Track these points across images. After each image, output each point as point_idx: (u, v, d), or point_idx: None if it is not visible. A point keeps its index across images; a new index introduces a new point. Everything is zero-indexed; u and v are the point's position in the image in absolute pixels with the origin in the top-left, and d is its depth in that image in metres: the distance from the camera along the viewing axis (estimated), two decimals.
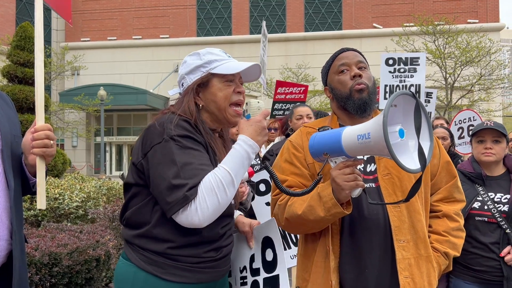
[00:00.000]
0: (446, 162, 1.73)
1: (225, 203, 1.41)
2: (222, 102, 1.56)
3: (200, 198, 1.37)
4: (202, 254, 1.48)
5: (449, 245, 1.65)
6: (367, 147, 1.32)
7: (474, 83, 17.13)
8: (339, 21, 23.46)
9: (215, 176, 1.40)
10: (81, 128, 22.53)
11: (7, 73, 9.28)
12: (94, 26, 24.78)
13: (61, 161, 8.90)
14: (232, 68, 1.57)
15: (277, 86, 6.33)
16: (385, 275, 1.54)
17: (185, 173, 1.39)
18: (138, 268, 1.46)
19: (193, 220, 1.38)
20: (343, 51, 1.72)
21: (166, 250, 1.45)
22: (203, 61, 1.58)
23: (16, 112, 1.75)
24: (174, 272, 1.45)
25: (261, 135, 1.50)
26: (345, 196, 1.43)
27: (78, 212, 5.58)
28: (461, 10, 21.76)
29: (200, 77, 1.57)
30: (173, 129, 1.44)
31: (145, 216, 1.49)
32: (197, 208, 1.37)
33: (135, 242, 1.49)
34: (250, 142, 1.47)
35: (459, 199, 1.74)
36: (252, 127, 1.50)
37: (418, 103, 1.34)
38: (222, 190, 1.39)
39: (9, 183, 1.54)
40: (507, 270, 2.38)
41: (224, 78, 1.57)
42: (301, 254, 1.71)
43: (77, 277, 3.59)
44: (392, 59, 4.93)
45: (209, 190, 1.38)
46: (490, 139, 2.54)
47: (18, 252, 1.55)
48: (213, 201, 1.38)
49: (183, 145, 1.43)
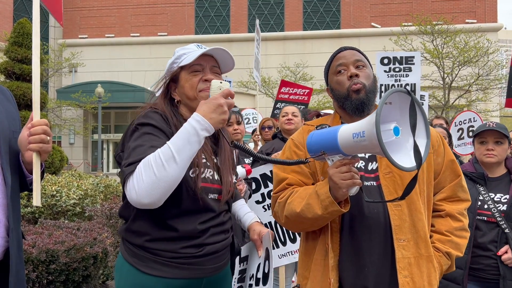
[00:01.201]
0: (451, 161, 1.70)
1: (165, 178, 1.36)
2: (189, 91, 1.59)
3: (137, 173, 1.39)
4: (179, 250, 1.49)
5: (451, 245, 1.63)
6: (362, 145, 1.31)
7: (472, 83, 17.16)
8: (337, 20, 23.45)
9: (155, 153, 1.40)
10: (78, 126, 22.47)
11: (5, 69, 9.22)
12: (92, 23, 24.70)
13: (58, 158, 8.87)
14: (194, 56, 1.58)
15: (281, 86, 6.36)
16: (385, 274, 1.54)
17: (134, 154, 1.43)
18: (124, 260, 1.53)
19: (131, 195, 1.39)
20: (341, 51, 1.71)
21: (144, 243, 1.49)
22: (174, 57, 1.64)
23: (17, 107, 1.73)
24: (152, 266, 1.48)
25: (215, 113, 1.43)
26: (342, 194, 1.43)
27: (76, 210, 5.57)
28: (459, 10, 21.79)
29: (170, 72, 1.63)
30: (137, 119, 1.53)
31: (128, 210, 1.54)
32: (134, 184, 1.38)
33: (123, 235, 1.56)
34: (199, 118, 1.42)
35: (463, 198, 1.71)
36: (206, 104, 1.45)
37: (414, 100, 1.33)
38: (160, 164, 1.36)
39: (6, 180, 1.52)
40: (503, 269, 2.40)
41: (190, 69, 1.60)
42: (302, 252, 1.71)
43: (74, 274, 3.59)
44: (387, 59, 4.94)
45: (146, 165, 1.38)
46: (492, 140, 2.56)
47: (15, 249, 1.53)
48: (149, 175, 1.36)
49: (140, 131, 1.49)
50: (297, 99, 6.41)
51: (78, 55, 21.85)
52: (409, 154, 1.33)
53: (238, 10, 23.94)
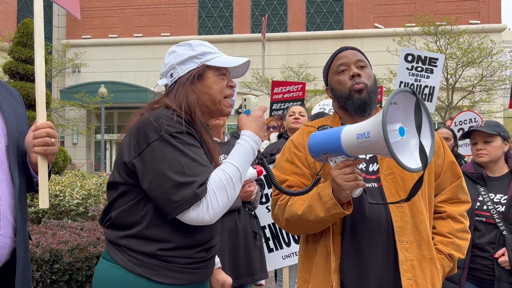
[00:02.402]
0: (451, 162, 1.70)
1: (233, 199, 1.40)
2: (218, 95, 1.53)
3: (210, 196, 1.35)
4: (194, 255, 1.43)
5: (453, 247, 1.62)
6: (366, 146, 1.30)
7: (476, 84, 17.09)
8: (340, 20, 23.42)
9: (224, 173, 1.38)
10: (81, 126, 22.53)
11: (9, 69, 9.25)
12: (96, 23, 24.76)
13: (61, 158, 8.90)
14: (228, 62, 1.54)
15: (273, 87, 6.35)
16: (388, 277, 1.52)
17: (191, 171, 1.34)
18: (126, 270, 1.38)
19: (204, 218, 1.34)
20: (342, 50, 1.70)
21: (157, 252, 1.39)
22: (196, 52, 1.53)
23: (25, 107, 1.72)
24: (165, 274, 1.39)
25: (262, 130, 1.51)
26: (345, 196, 1.41)
27: (79, 209, 5.58)
28: (463, 10, 21.72)
29: (196, 68, 1.52)
30: (170, 125, 1.38)
31: (135, 217, 1.40)
32: (208, 206, 1.34)
33: (123, 243, 1.41)
34: (256, 138, 1.48)
35: (464, 200, 1.70)
36: (254, 122, 1.51)
37: (419, 100, 1.32)
38: (231, 186, 1.38)
39: (14, 180, 1.52)
40: (499, 270, 2.40)
41: (218, 71, 1.54)
42: (302, 255, 1.69)
43: (78, 274, 3.60)
44: (412, 56, 4.82)
45: (219, 187, 1.36)
46: (481, 140, 2.56)
47: (22, 250, 1.53)
48: (223, 198, 1.36)
49: (183, 142, 1.38)
50: (292, 97, 6.33)
51: (82, 56, 21.92)
52: (413, 155, 1.32)
53: (241, 10, 23.95)
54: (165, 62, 1.59)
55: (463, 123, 5.91)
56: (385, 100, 1.28)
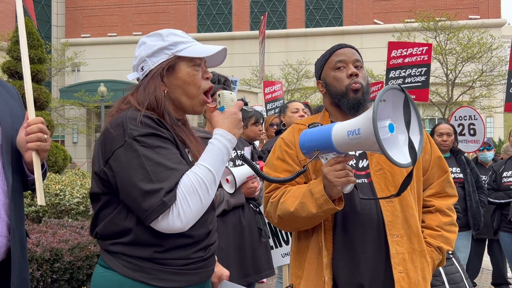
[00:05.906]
0: (438, 157, 1.74)
1: (207, 203, 1.32)
2: (193, 89, 1.42)
3: (181, 201, 1.26)
4: (191, 255, 1.37)
5: (442, 239, 1.66)
6: (357, 143, 1.32)
7: (475, 80, 17.07)
8: (340, 17, 23.37)
9: (195, 176, 1.29)
10: (81, 125, 22.54)
11: (7, 68, 9.26)
12: (95, 22, 24.74)
13: (62, 157, 8.92)
14: (202, 51, 1.42)
15: (265, 87, 6.67)
16: (379, 270, 1.54)
17: (157, 176, 1.26)
18: (123, 276, 1.32)
19: (175, 225, 1.27)
20: (341, 47, 1.70)
21: (153, 255, 1.33)
22: (167, 43, 1.42)
23: (23, 105, 1.71)
24: (162, 277, 1.33)
25: (237, 128, 1.40)
26: (336, 192, 1.44)
27: (79, 208, 5.60)
28: (463, 6, 21.66)
29: (166, 61, 1.40)
30: (134, 129, 1.29)
31: (122, 224, 1.34)
32: (180, 212, 1.26)
33: (117, 249, 1.35)
34: (229, 137, 1.37)
35: (451, 193, 1.75)
36: (228, 119, 1.39)
37: (407, 97, 1.34)
38: (204, 190, 1.29)
39: (7, 179, 1.52)
40: None
41: (191, 62, 1.42)
42: (294, 251, 1.71)
43: (79, 273, 3.62)
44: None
45: (191, 191, 1.27)
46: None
47: (17, 249, 1.53)
48: (195, 202, 1.28)
49: (148, 144, 1.28)
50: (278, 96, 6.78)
51: (81, 54, 21.90)
52: (403, 151, 1.34)
53: (240, 8, 23.91)
54: (135, 55, 1.50)
55: (463, 119, 5.93)
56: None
